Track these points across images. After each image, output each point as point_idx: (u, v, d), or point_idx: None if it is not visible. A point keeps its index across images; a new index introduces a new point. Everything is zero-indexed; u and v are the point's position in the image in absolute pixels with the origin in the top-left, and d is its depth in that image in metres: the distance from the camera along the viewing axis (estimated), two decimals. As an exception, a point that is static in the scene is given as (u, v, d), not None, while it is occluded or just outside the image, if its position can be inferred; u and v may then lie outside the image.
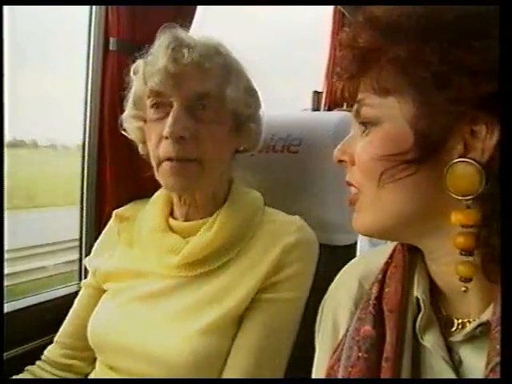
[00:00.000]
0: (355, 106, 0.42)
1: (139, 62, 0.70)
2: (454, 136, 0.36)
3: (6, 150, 0.60)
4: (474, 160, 0.35)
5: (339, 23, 1.95)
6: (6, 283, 0.64)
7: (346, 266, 0.56)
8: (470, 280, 0.36)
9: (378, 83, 0.38)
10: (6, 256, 0.64)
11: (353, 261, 0.57)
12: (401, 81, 0.37)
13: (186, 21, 0.89)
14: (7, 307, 0.81)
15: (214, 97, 0.68)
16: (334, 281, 0.55)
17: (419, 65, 0.35)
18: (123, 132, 0.76)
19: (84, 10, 0.88)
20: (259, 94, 0.76)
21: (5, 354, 0.77)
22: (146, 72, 0.67)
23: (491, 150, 0.34)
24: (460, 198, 0.35)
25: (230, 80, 0.70)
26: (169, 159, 0.67)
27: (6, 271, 0.66)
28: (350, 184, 0.43)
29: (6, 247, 0.58)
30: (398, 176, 0.37)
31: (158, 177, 0.71)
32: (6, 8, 0.58)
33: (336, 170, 0.79)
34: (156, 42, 0.69)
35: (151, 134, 0.69)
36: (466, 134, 0.35)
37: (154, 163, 0.70)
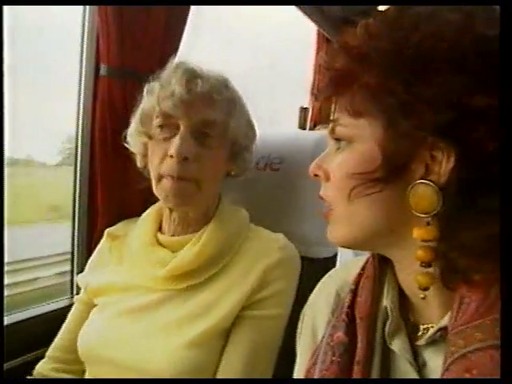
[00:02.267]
0: (331, 125, 0.45)
1: (154, 84, 0.75)
2: (416, 160, 0.39)
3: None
4: (433, 182, 0.38)
5: (321, 43, 2.00)
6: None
7: (325, 276, 0.59)
8: (427, 289, 0.40)
9: (351, 105, 0.41)
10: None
11: (331, 271, 0.60)
12: (371, 105, 0.40)
13: (173, 47, 0.94)
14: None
15: (218, 126, 0.73)
16: (314, 291, 0.58)
17: (386, 93, 0.38)
18: (125, 144, 0.80)
19: (76, 37, 0.92)
20: (256, 128, 0.82)
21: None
22: (160, 95, 0.72)
23: (447, 174, 0.37)
24: (421, 215, 0.39)
25: (234, 112, 0.76)
26: (169, 176, 0.71)
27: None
28: (322, 198, 0.46)
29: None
30: (365, 192, 0.40)
31: (156, 191, 0.74)
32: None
33: (315, 186, 0.84)
34: (169, 67, 0.75)
35: (155, 151, 0.73)
36: (427, 158, 0.38)
37: (153, 177, 0.74)
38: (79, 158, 0.95)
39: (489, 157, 0.36)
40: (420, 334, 0.44)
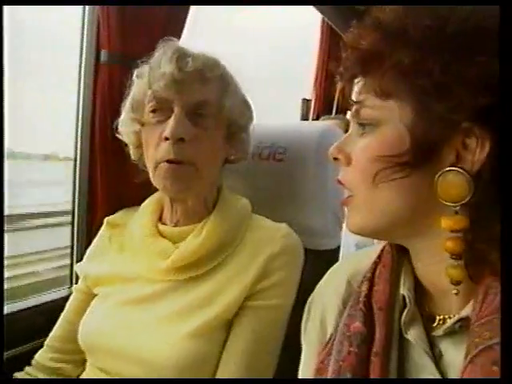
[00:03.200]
0: (355, 107, 0.42)
1: (144, 67, 0.73)
2: (448, 145, 0.37)
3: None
4: (464, 170, 0.37)
5: (326, 33, 1.98)
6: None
7: (334, 267, 0.57)
8: (460, 283, 0.38)
9: (380, 86, 0.39)
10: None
11: (340, 261, 0.59)
12: (402, 86, 0.38)
13: (176, 33, 0.92)
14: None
15: (213, 105, 0.71)
16: (322, 280, 0.56)
17: (421, 73, 0.37)
18: (117, 135, 0.78)
19: (76, 23, 0.90)
20: (252, 108, 0.80)
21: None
22: (151, 76, 0.70)
23: (480, 163, 0.36)
24: (449, 204, 0.37)
25: (227, 90, 0.74)
26: (167, 161, 0.69)
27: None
28: (341, 183, 0.44)
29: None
30: (391, 177, 0.39)
31: (154, 179, 0.72)
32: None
33: (319, 177, 0.83)
34: (158, 50, 0.72)
35: (149, 137, 0.71)
36: (459, 145, 0.37)
37: (150, 166, 0.72)
38: (79, 148, 0.93)
39: None
40: (436, 324, 0.43)
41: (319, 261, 0.84)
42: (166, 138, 0.68)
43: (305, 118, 2.10)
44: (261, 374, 0.68)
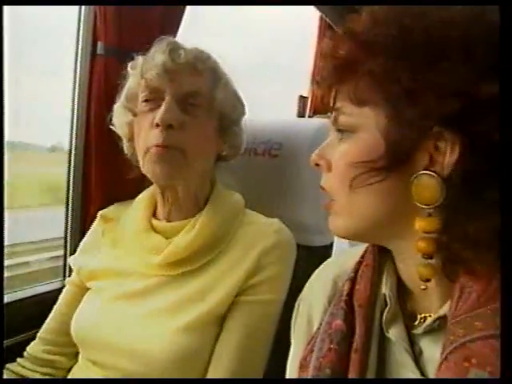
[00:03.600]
0: (333, 114, 0.44)
1: (139, 58, 0.74)
2: (421, 149, 0.38)
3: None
4: (436, 173, 0.37)
5: (324, 30, 1.98)
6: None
7: (322, 266, 0.59)
8: (429, 280, 0.39)
9: (355, 94, 0.41)
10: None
11: (328, 261, 0.60)
12: (375, 93, 0.39)
13: (173, 27, 0.92)
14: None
15: (204, 96, 0.72)
16: (310, 279, 0.58)
17: (392, 80, 0.38)
18: (111, 127, 0.78)
19: (73, 15, 0.90)
20: (244, 102, 0.80)
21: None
22: (144, 67, 0.71)
23: (451, 166, 0.37)
24: (423, 206, 0.38)
25: (219, 83, 0.75)
26: (156, 146, 0.69)
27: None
28: (323, 189, 0.46)
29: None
30: (367, 181, 0.40)
31: (144, 166, 0.72)
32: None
33: (314, 174, 0.83)
34: (154, 46, 0.74)
35: (141, 125, 0.72)
36: (431, 148, 0.38)
37: (140, 154, 0.72)
38: (74, 141, 0.93)
39: (494, 148, 0.35)
40: (417, 322, 0.44)
41: (312, 257, 0.84)
42: (157, 125, 0.69)
43: (301, 115, 2.10)
44: (253, 369, 0.69)
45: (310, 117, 2.06)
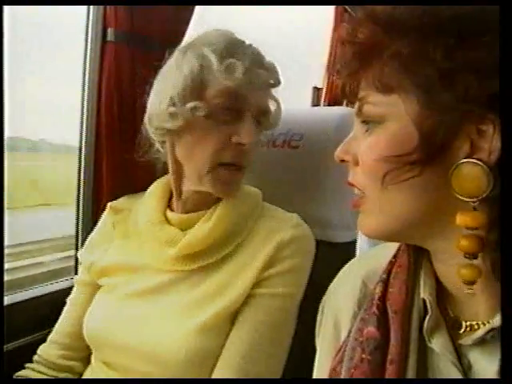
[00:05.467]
0: (357, 104, 0.40)
1: (235, 62, 0.65)
2: (461, 136, 0.35)
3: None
4: (481, 161, 0.34)
5: (340, 18, 1.93)
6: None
7: (348, 265, 0.55)
8: (474, 283, 0.35)
9: (380, 80, 0.37)
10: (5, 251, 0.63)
11: (354, 259, 0.56)
12: (404, 78, 0.36)
13: (186, 13, 0.89)
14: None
15: (268, 113, 0.73)
16: (335, 280, 0.54)
17: (422, 62, 0.34)
18: (151, 129, 0.72)
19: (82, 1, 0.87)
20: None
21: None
22: (238, 72, 0.65)
23: (499, 150, 0.33)
24: (466, 199, 0.34)
25: (279, 103, 0.76)
26: (230, 165, 0.68)
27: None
28: (352, 185, 0.42)
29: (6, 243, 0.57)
30: (402, 177, 0.36)
31: (206, 180, 0.68)
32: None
33: (337, 166, 0.79)
34: (229, 41, 0.68)
35: (211, 134, 0.67)
36: (473, 133, 0.34)
37: (204, 166, 0.67)
38: (84, 134, 0.90)
39: None
40: (462, 331, 0.39)
41: (334, 254, 0.82)
42: (240, 144, 0.67)
43: (315, 107, 2.06)
44: (265, 368, 0.65)
45: (325, 108, 2.03)
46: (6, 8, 0.56)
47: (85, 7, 0.88)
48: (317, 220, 0.78)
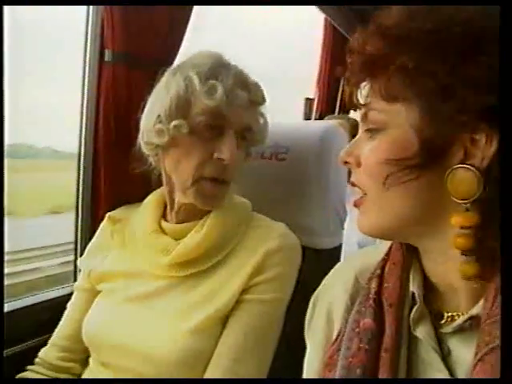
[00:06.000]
0: (363, 110, 0.43)
1: (215, 83, 0.69)
2: (456, 143, 0.38)
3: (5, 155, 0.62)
4: (474, 166, 0.37)
5: (330, 31, 1.97)
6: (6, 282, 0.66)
7: (341, 263, 0.58)
8: (471, 278, 0.38)
9: (386, 90, 0.40)
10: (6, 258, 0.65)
11: (348, 258, 0.60)
12: (408, 89, 0.38)
13: (180, 32, 0.92)
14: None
15: (254, 131, 0.76)
16: (328, 276, 0.56)
17: (426, 75, 0.37)
18: (142, 143, 0.75)
19: (80, 22, 0.90)
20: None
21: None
22: (219, 94, 0.68)
23: (490, 158, 0.36)
24: (459, 201, 0.37)
25: (265, 119, 0.79)
26: (211, 179, 0.71)
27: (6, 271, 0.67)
28: (354, 185, 0.45)
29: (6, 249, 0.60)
30: (402, 180, 0.39)
31: (189, 193, 0.72)
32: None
33: (321, 177, 0.83)
34: (208, 60, 0.72)
35: (194, 150, 0.70)
36: (467, 142, 0.37)
37: (188, 179, 0.71)
38: (83, 146, 0.93)
39: None
40: (444, 321, 0.43)
41: (320, 259, 0.85)
42: (221, 159, 0.70)
43: (307, 117, 2.09)
44: (254, 369, 0.69)
45: (316, 119, 2.06)
46: (7, 17, 0.58)
47: (83, 28, 0.92)
48: (303, 228, 0.81)
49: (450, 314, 0.43)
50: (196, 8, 0.96)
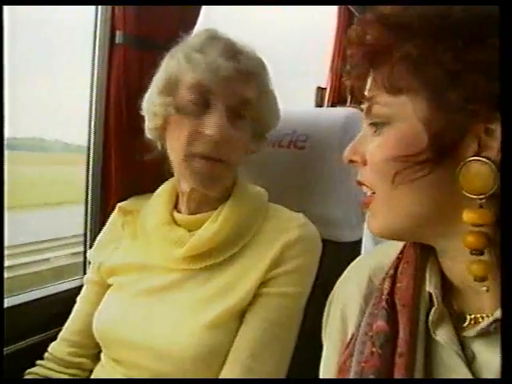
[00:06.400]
0: (366, 105, 0.41)
1: (189, 53, 0.69)
2: (469, 135, 0.35)
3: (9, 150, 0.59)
4: (489, 159, 0.34)
5: (344, 19, 1.94)
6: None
7: (355, 262, 0.55)
8: (485, 279, 0.36)
9: (389, 81, 0.38)
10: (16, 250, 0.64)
11: (361, 256, 0.57)
12: (413, 79, 0.37)
13: (192, 17, 0.89)
14: (10, 301, 0.81)
15: (254, 106, 0.71)
16: (343, 276, 0.55)
17: (431, 63, 0.35)
18: (142, 113, 0.74)
19: (89, 8, 0.88)
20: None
21: (9, 347, 0.77)
22: (201, 67, 0.67)
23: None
24: (473, 196, 0.35)
25: (268, 91, 0.74)
26: (202, 156, 0.68)
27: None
28: (361, 184, 0.43)
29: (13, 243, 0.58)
30: (412, 177, 0.37)
31: (183, 171, 0.70)
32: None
33: (343, 167, 0.80)
34: (200, 37, 0.70)
35: (184, 127, 0.68)
36: (481, 132, 0.35)
37: (177, 156, 0.70)
38: (92, 135, 0.91)
39: None
40: (466, 324, 0.40)
41: (340, 253, 0.82)
42: (208, 135, 0.67)
43: (319, 107, 2.07)
44: (272, 366, 0.66)
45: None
46: (8, 12, 0.55)
47: (93, 10, 0.88)
48: (323, 220, 0.78)
49: (472, 315, 0.40)
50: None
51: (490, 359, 0.37)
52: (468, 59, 0.34)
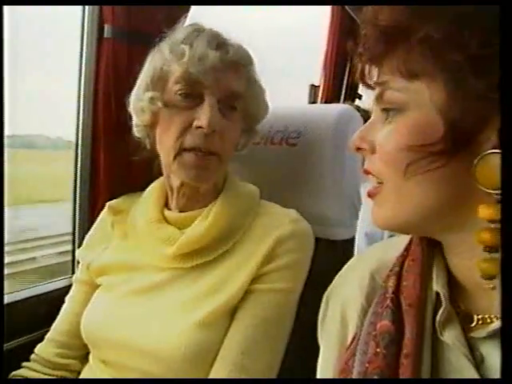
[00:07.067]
0: (377, 90, 0.39)
1: (183, 47, 0.67)
2: (489, 126, 0.33)
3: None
4: None
5: (337, 16, 1.93)
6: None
7: (353, 260, 0.54)
8: (494, 277, 0.34)
9: (406, 65, 0.35)
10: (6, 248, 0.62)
11: (363, 253, 0.55)
12: (431, 64, 0.34)
13: (182, 10, 0.87)
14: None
15: (243, 98, 0.71)
16: (342, 272, 0.53)
17: (454, 48, 0.33)
18: (130, 110, 0.73)
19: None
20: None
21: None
22: (189, 59, 0.65)
23: None
24: (491, 191, 0.33)
25: (256, 83, 0.74)
26: (193, 150, 0.67)
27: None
28: (368, 173, 0.41)
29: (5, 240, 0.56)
30: (426, 168, 0.35)
31: (174, 166, 0.69)
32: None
33: (336, 163, 0.79)
34: (186, 30, 0.69)
35: (173, 121, 0.67)
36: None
37: (168, 152, 0.68)
38: (80, 132, 0.89)
39: None
40: (474, 324, 0.39)
41: (332, 251, 0.82)
42: (199, 127, 0.66)
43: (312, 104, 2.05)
44: (262, 363, 0.65)
45: (322, 106, 2.02)
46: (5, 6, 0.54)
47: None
48: (315, 217, 0.77)
49: (480, 316, 0.39)
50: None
51: (498, 361, 0.35)
52: (497, 45, 0.31)
